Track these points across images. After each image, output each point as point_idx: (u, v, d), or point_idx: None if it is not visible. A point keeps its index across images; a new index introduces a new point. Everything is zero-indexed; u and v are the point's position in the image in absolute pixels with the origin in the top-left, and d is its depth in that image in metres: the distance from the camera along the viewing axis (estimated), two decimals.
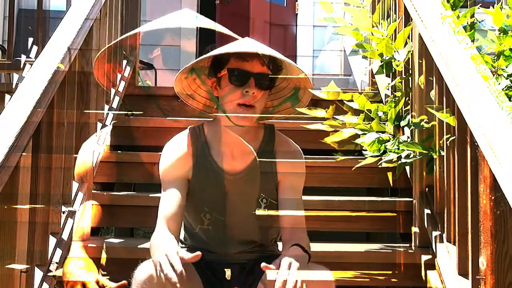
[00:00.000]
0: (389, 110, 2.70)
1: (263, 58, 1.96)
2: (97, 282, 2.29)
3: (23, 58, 3.70)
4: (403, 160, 2.56)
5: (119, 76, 3.59)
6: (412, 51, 2.73)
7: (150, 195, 2.93)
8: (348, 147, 2.79)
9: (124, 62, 3.79)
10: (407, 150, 2.51)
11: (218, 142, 2.07)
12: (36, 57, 3.43)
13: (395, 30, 2.86)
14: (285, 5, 7.49)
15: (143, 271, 1.84)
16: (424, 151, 2.45)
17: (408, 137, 2.78)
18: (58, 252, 2.32)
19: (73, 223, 2.52)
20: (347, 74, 6.70)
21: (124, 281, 2.09)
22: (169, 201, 2.01)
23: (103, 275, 2.55)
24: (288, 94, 2.12)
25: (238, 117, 1.96)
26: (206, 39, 7.09)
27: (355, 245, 2.84)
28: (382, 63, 2.80)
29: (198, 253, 1.74)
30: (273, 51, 1.98)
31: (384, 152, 2.62)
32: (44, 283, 2.16)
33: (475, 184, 1.90)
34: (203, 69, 2.08)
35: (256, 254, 2.11)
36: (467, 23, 2.60)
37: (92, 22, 2.72)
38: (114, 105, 3.38)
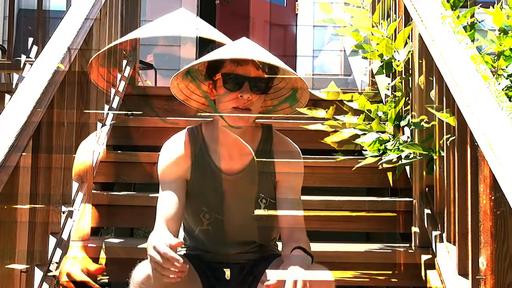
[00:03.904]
0: (389, 110, 2.70)
1: (258, 62, 1.95)
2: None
3: (23, 58, 3.70)
4: (403, 161, 2.56)
5: (119, 76, 3.59)
6: (412, 51, 2.73)
7: (150, 195, 2.93)
8: (348, 147, 2.79)
9: (124, 62, 3.79)
10: (407, 150, 2.51)
11: (216, 142, 2.06)
12: (36, 57, 3.43)
13: (395, 30, 2.86)
14: (285, 5, 7.48)
15: (140, 271, 1.84)
16: (424, 152, 2.45)
17: (408, 137, 2.78)
18: (58, 252, 2.32)
19: (73, 223, 2.51)
20: (347, 74, 6.69)
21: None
22: (168, 201, 2.00)
23: (103, 275, 2.55)
24: (286, 94, 2.11)
25: (233, 118, 1.96)
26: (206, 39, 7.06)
27: (355, 245, 2.84)
28: (382, 63, 2.80)
29: (180, 240, 1.75)
30: (268, 55, 1.97)
31: (384, 152, 2.62)
32: (44, 283, 2.15)
33: (475, 184, 1.90)
34: (198, 72, 2.07)
35: (256, 254, 2.11)
36: (467, 23, 2.60)
37: (92, 22, 2.72)
38: (114, 105, 3.38)
